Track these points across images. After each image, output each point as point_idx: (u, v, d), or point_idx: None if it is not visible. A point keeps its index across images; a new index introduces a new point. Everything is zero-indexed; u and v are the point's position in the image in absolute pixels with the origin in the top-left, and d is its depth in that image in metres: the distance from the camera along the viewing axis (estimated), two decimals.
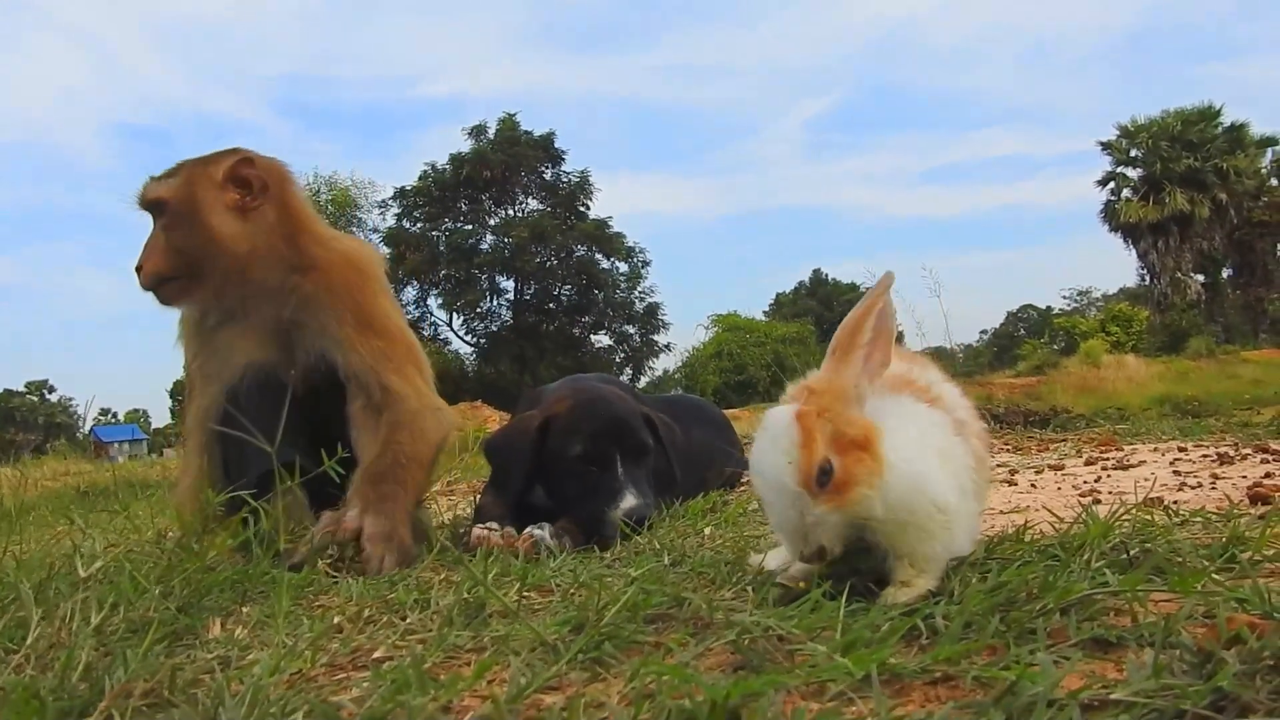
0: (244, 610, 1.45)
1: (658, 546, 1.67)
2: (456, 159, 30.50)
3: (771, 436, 1.12)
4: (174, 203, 1.97)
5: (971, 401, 1.38)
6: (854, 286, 40.51)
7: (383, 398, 1.99)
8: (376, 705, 0.85)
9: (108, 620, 1.29)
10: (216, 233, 1.96)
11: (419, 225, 31.04)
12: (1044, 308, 51.12)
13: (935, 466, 1.16)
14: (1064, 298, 48.63)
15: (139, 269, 1.99)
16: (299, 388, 1.94)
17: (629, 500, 2.00)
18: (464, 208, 31.28)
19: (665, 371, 32.53)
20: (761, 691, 0.83)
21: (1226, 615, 0.90)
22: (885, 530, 1.12)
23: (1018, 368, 25.96)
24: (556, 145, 30.98)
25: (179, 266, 1.97)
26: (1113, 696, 0.78)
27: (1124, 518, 1.39)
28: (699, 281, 71.46)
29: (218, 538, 1.61)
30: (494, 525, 1.97)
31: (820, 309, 42.57)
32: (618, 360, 31.54)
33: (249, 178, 2.00)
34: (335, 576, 1.65)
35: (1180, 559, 1.20)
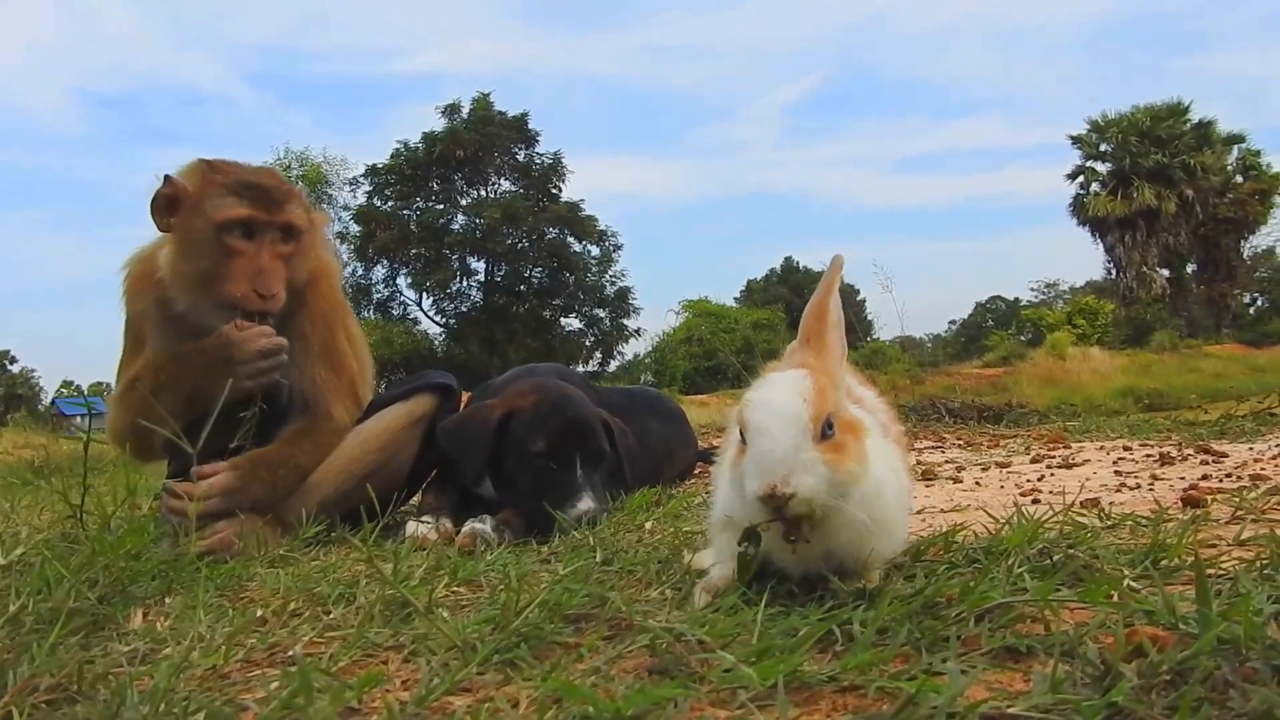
0: (168, 600, 1.42)
1: (592, 543, 1.66)
2: (429, 137, 30.25)
3: (783, 383, 1.15)
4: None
5: (889, 404, 1.40)
6: None
7: (318, 415, 2.16)
8: (274, 709, 0.84)
9: (25, 610, 1.26)
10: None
11: (390, 203, 30.78)
12: (1012, 299, 51.68)
13: (887, 473, 1.19)
14: (1032, 289, 49.21)
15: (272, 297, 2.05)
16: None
17: (585, 503, 1.99)
18: (436, 187, 31.05)
19: (635, 356, 32.46)
20: (665, 700, 0.83)
21: (1130, 627, 0.90)
22: (845, 528, 1.13)
23: (985, 358, 26.25)
24: (530, 126, 30.84)
25: None
26: (1009, 710, 0.79)
27: (1054, 521, 1.40)
28: (670, 266, 71.42)
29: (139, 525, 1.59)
30: (429, 519, 1.95)
31: (791, 296, 42.61)
32: (588, 344, 31.51)
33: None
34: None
35: (1100, 566, 1.21)
